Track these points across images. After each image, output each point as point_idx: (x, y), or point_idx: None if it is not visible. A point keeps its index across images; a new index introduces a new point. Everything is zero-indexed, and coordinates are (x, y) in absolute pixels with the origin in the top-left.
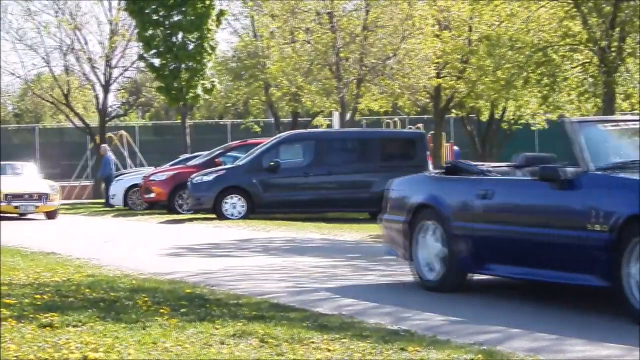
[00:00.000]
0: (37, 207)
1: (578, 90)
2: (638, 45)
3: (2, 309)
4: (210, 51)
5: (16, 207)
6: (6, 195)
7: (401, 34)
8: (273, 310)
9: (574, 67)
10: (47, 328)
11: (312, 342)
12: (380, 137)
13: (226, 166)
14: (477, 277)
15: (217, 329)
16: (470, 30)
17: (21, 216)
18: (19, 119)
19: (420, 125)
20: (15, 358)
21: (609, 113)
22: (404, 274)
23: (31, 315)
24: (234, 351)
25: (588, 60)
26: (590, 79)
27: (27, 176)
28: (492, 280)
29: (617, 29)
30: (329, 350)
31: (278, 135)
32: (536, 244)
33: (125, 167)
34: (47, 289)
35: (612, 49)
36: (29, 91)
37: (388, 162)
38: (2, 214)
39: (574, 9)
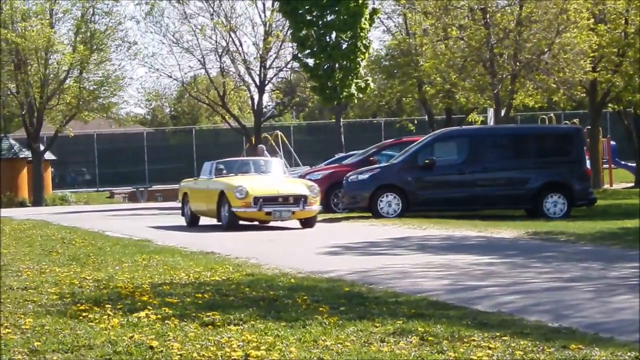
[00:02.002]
0: (293, 212)
1: None
2: None
3: (164, 308)
4: (363, 50)
5: (268, 213)
6: (256, 198)
7: (556, 28)
8: (432, 308)
9: None
10: (209, 327)
11: (473, 340)
12: (536, 133)
13: (381, 164)
14: None
15: (376, 327)
16: (626, 22)
17: (263, 223)
18: (176, 121)
19: (576, 120)
20: (179, 356)
21: None
22: (563, 270)
23: (193, 314)
24: (394, 349)
25: None
26: None
27: (276, 175)
28: None
29: None
30: (489, 348)
31: (432, 132)
32: None
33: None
34: (208, 287)
35: None
36: (186, 93)
37: (544, 158)
38: (250, 222)
39: None
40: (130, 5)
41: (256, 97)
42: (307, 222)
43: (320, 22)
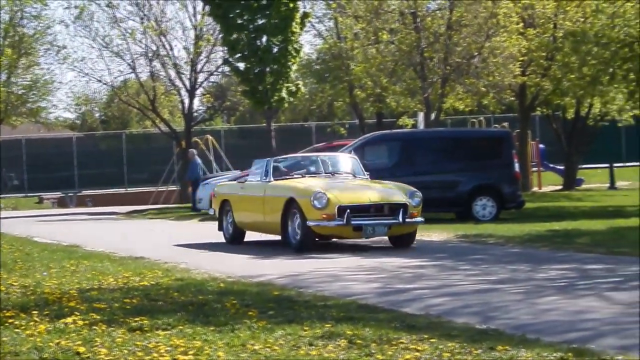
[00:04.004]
0: (389, 227)
1: None
2: None
3: (91, 314)
4: (294, 54)
5: (357, 228)
6: (341, 209)
7: (485, 33)
8: (361, 311)
9: None
10: (137, 332)
11: (401, 342)
12: (466, 136)
13: None
14: None
15: (305, 330)
16: (555, 27)
17: (333, 238)
18: (106, 126)
19: (505, 123)
20: None
21: None
22: (491, 272)
23: (121, 320)
24: (322, 352)
25: None
26: None
27: (355, 176)
28: None
29: None
30: (417, 350)
31: (363, 136)
32: None
33: (211, 171)
34: (136, 293)
35: None
36: (116, 98)
37: (474, 161)
38: (327, 239)
39: None
40: (60, 8)
41: (187, 101)
42: (403, 240)
43: (251, 26)
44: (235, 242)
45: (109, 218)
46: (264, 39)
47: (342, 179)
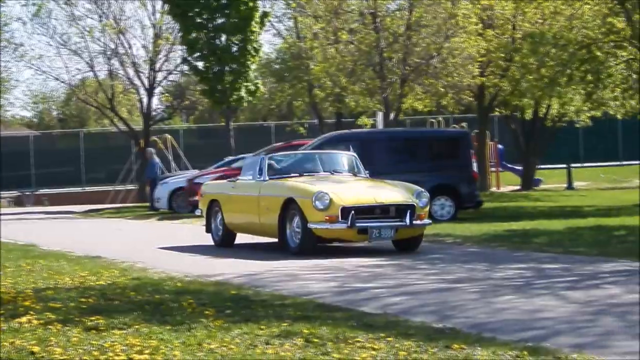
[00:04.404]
0: (396, 230)
1: (622, 87)
2: None
3: (46, 313)
4: (253, 53)
5: (362, 231)
6: (344, 210)
7: (444, 33)
8: (318, 310)
9: (618, 64)
10: (93, 331)
11: (358, 341)
12: (424, 137)
13: None
14: None
15: (262, 329)
16: (513, 28)
17: (335, 242)
18: (64, 124)
19: (464, 124)
20: None
21: None
22: (449, 271)
23: (77, 319)
24: (279, 351)
25: (632, 57)
26: (635, 76)
27: (357, 175)
28: None
29: None
30: (374, 349)
31: (322, 136)
32: None
33: (170, 171)
34: (92, 292)
35: None
36: (74, 96)
37: (432, 161)
38: (329, 242)
39: (618, 6)
40: (17, 6)
41: (145, 100)
42: (408, 243)
43: (210, 25)
44: (225, 244)
45: (66, 217)
46: (223, 38)
47: (343, 178)
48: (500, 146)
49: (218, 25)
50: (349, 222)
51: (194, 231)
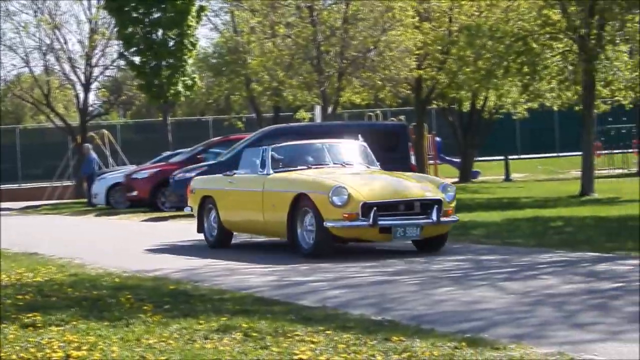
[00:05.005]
0: (422, 227)
1: (558, 78)
2: (617, 33)
3: None
4: (190, 48)
5: (385, 229)
6: (366, 206)
7: (381, 27)
8: (257, 304)
9: (554, 56)
10: (30, 328)
11: (296, 335)
12: (362, 129)
13: (208, 162)
14: None
15: (200, 324)
16: (450, 21)
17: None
18: None
19: (402, 116)
20: None
21: (589, 101)
22: (388, 264)
23: (13, 316)
24: (217, 346)
25: (568, 49)
26: (571, 67)
27: (371, 167)
28: None
29: (597, 17)
30: (312, 342)
31: (260, 130)
32: None
33: (107, 166)
34: (29, 289)
35: (592, 37)
36: (9, 92)
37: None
38: (344, 242)
39: None
40: None
41: (82, 96)
42: (432, 243)
43: (146, 20)
44: (220, 245)
45: (2, 214)
46: (160, 32)
47: (357, 170)
48: (438, 139)
49: (154, 19)
50: (371, 220)
51: (131, 226)
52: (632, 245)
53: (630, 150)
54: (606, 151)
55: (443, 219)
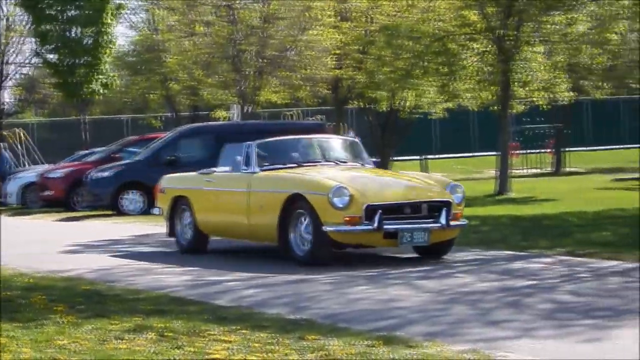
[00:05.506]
0: (430, 232)
1: (476, 78)
2: (534, 34)
3: None
4: (107, 46)
5: (391, 234)
6: (370, 209)
7: (300, 26)
8: (172, 304)
9: (472, 56)
10: None
11: (211, 334)
12: (280, 129)
13: (124, 161)
14: None
15: (114, 324)
16: (369, 21)
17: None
18: None
19: (320, 116)
20: None
21: (505, 101)
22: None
23: None
24: (131, 346)
25: (485, 49)
26: (488, 68)
27: (365, 166)
28: None
29: (514, 18)
30: (227, 342)
31: (176, 129)
32: None
33: (21, 165)
34: None
35: (509, 38)
36: None
37: None
38: (341, 248)
39: None
40: None
41: None
42: (438, 249)
43: (62, 17)
44: (195, 250)
45: None
46: (76, 30)
47: (351, 168)
48: (357, 139)
49: (71, 17)
50: (376, 224)
51: (44, 226)
52: (546, 244)
53: (545, 150)
54: (522, 151)
55: (452, 222)
